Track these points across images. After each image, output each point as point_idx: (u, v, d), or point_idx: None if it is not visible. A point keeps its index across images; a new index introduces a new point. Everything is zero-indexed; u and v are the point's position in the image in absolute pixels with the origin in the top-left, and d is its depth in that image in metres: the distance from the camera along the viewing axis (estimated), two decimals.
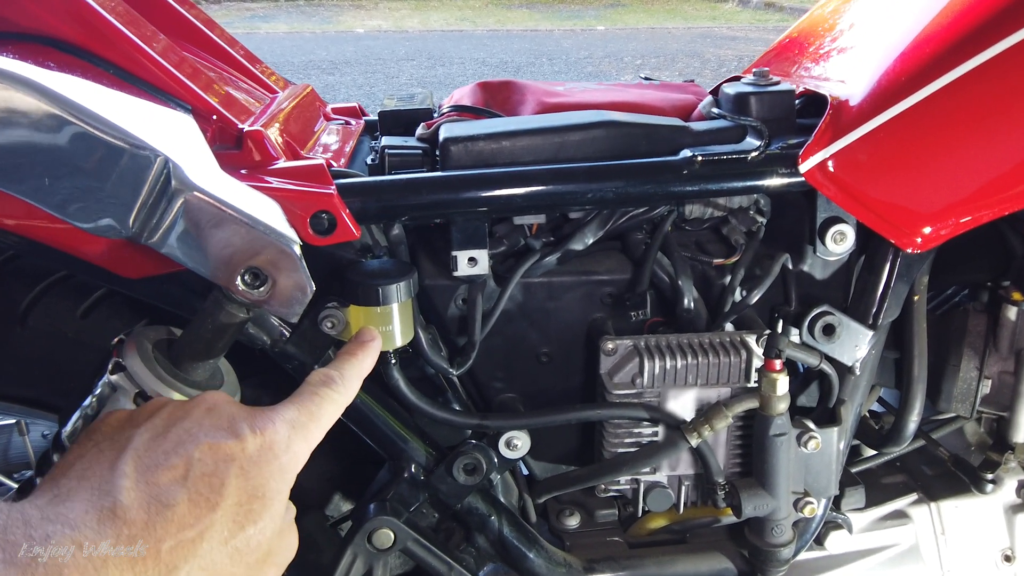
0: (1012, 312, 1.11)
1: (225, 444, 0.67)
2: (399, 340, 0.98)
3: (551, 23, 14.95)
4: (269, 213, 0.90)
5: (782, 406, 1.00)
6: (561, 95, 1.25)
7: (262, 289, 0.87)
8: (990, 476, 1.20)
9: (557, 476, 1.15)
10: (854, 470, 1.30)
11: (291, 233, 0.88)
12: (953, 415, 1.32)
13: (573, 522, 1.17)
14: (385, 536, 1.02)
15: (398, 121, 1.23)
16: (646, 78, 1.45)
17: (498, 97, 1.27)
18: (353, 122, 1.38)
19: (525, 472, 1.25)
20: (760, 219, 1.16)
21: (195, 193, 0.81)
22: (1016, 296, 1.10)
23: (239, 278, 0.85)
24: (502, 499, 1.16)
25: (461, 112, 1.20)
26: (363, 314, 0.96)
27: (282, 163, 1.00)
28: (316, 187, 0.96)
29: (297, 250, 0.87)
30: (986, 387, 1.13)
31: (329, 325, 0.98)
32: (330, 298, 0.99)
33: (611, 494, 1.13)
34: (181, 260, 0.84)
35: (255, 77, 1.32)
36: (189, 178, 0.82)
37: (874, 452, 1.33)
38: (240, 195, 0.87)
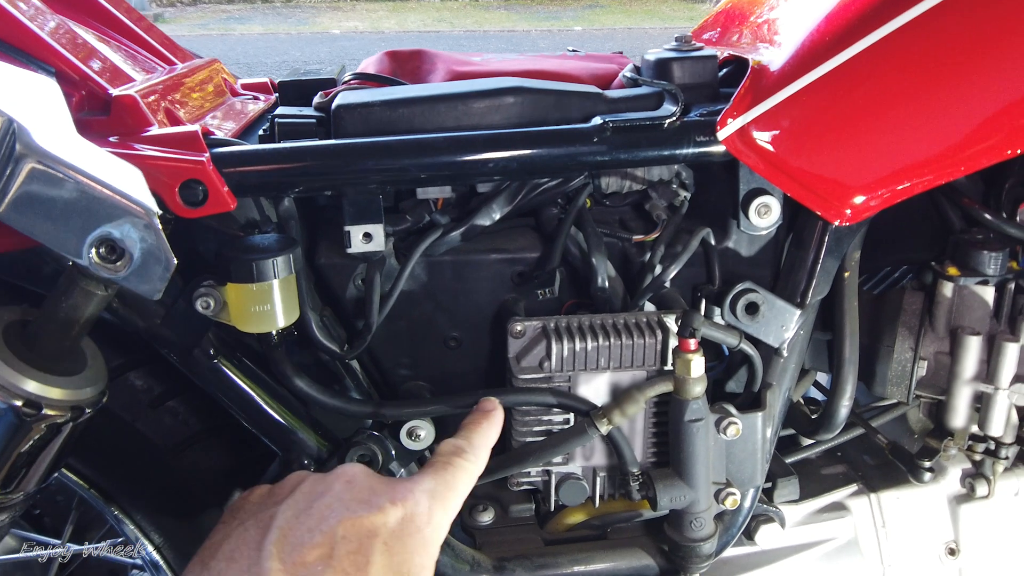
0: (948, 288, 1.04)
1: (367, 518, 0.67)
2: (281, 320, 0.90)
3: (528, 24, 14.92)
4: (128, 181, 0.83)
5: (698, 389, 0.93)
6: (474, 64, 1.18)
7: (119, 263, 0.80)
8: (928, 464, 1.13)
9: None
10: (791, 460, 1.23)
11: (150, 202, 0.81)
12: (895, 401, 1.26)
13: (486, 518, 1.10)
14: None
15: (300, 91, 1.15)
16: (572, 50, 1.37)
17: (407, 66, 1.20)
18: (263, 97, 1.30)
19: None
20: (683, 193, 1.10)
21: (41, 159, 0.74)
22: (952, 271, 1.04)
23: (93, 251, 0.79)
24: None
25: (364, 80, 1.13)
26: (239, 292, 0.89)
27: (154, 130, 0.93)
28: (186, 154, 0.88)
29: (156, 221, 0.80)
30: (922, 369, 1.06)
31: (204, 305, 0.91)
32: (206, 276, 0.91)
33: (525, 487, 1.05)
34: (29, 232, 0.78)
35: (152, 49, 1.24)
36: (36, 142, 0.76)
37: (812, 441, 1.25)
38: (97, 162, 0.80)
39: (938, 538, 1.23)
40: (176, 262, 0.82)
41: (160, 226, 0.80)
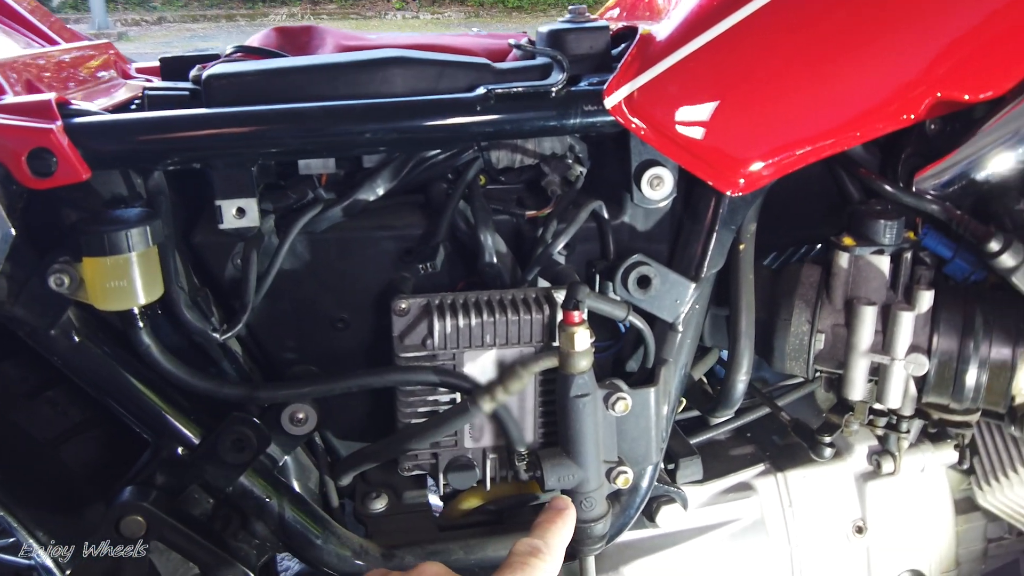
0: (844, 259, 1.00)
1: None
2: (141, 297, 0.84)
3: None
4: None
5: (583, 364, 0.87)
6: (364, 40, 1.11)
7: None
8: (828, 440, 1.09)
9: (353, 453, 1.01)
10: (697, 441, 1.18)
11: None
12: (801, 380, 1.21)
13: (379, 505, 1.04)
14: (135, 524, 0.88)
15: (182, 67, 1.08)
16: (475, 31, 1.31)
17: (296, 42, 1.14)
18: (156, 80, 1.23)
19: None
20: (578, 168, 1.04)
21: None
22: (848, 241, 1.00)
23: None
24: (296, 483, 1.02)
25: (248, 54, 1.06)
26: (94, 266, 0.82)
27: (7, 99, 0.85)
28: (36, 122, 0.80)
29: None
30: (820, 342, 1.02)
31: (58, 282, 0.84)
32: (62, 252, 0.83)
33: (417, 473, 0.99)
34: None
35: (37, 31, 1.16)
36: None
37: (720, 421, 1.20)
38: None
39: (845, 516, 1.19)
40: (14, 232, 0.75)
41: None
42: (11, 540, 1.29)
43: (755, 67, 0.93)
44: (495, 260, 0.98)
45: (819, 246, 1.24)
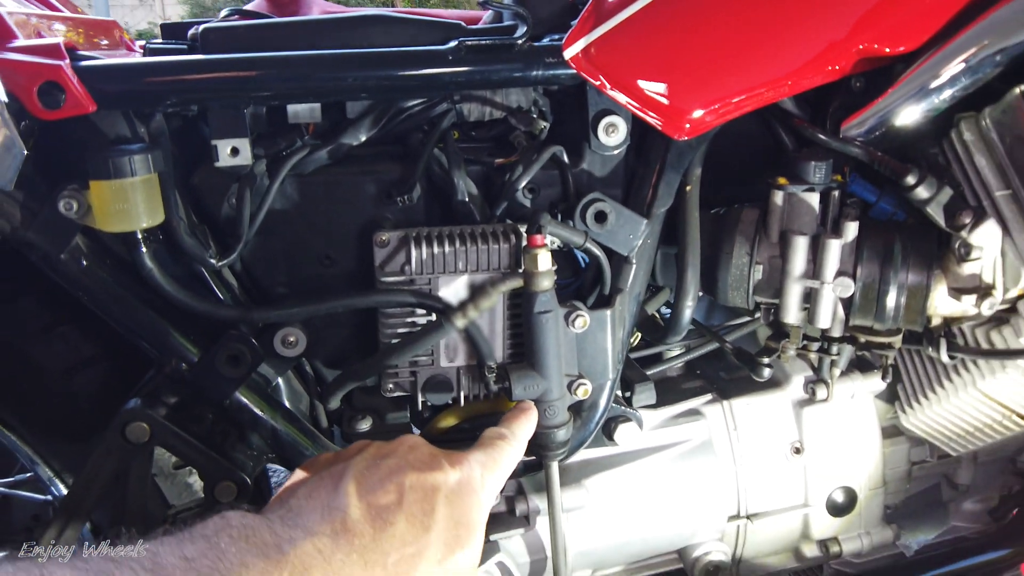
0: (779, 197, 1.03)
1: (431, 475, 0.69)
2: (143, 219, 0.85)
3: None
4: None
5: (546, 283, 0.90)
6: (348, 9, 1.13)
7: None
8: (766, 361, 1.12)
9: (341, 373, 1.02)
10: (652, 372, 1.20)
11: None
12: (746, 319, 1.24)
13: (364, 426, 1.05)
14: (140, 429, 0.89)
15: (181, 30, 1.09)
16: None
17: (284, 11, 1.15)
18: None
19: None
20: (542, 123, 1.06)
21: None
22: (782, 181, 1.03)
23: None
24: (288, 404, 1.03)
25: (242, 16, 1.07)
26: (100, 189, 0.83)
27: (19, 42, 0.86)
28: (45, 59, 0.82)
29: (4, 111, 0.73)
30: (758, 273, 1.05)
31: (68, 207, 0.85)
32: (72, 181, 0.84)
33: (397, 393, 1.00)
34: None
35: (47, 3, 1.17)
36: None
37: (673, 355, 1.23)
38: None
39: (784, 438, 1.22)
40: (27, 152, 0.76)
41: (8, 116, 0.73)
42: (28, 475, 1.29)
43: (698, 23, 0.97)
44: (467, 199, 1.01)
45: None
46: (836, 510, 1.25)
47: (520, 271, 0.94)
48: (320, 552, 0.59)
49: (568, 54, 0.95)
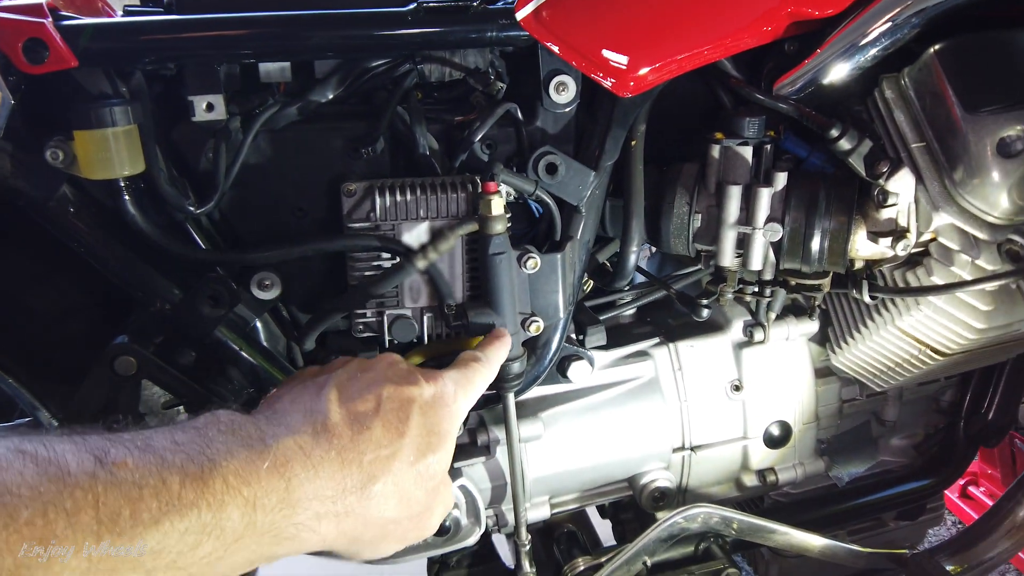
0: (716, 151, 1.06)
1: (407, 388, 0.71)
2: (125, 167, 0.87)
3: None
4: None
5: (499, 227, 0.93)
6: None
7: None
8: (705, 302, 1.15)
9: (313, 316, 1.04)
10: (604, 317, 1.23)
11: None
12: (691, 269, 1.27)
13: None
14: (127, 363, 0.91)
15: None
16: None
17: None
18: None
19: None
20: (499, 84, 1.08)
21: None
22: (719, 136, 1.06)
23: None
24: (266, 345, 1.05)
25: None
26: (83, 139, 0.85)
27: (4, 2, 0.87)
28: (29, 16, 0.83)
29: None
30: (697, 221, 1.08)
31: (54, 156, 0.86)
32: (57, 133, 0.86)
33: (367, 334, 1.03)
34: None
35: None
36: None
37: (624, 302, 1.26)
38: None
39: (725, 377, 1.26)
40: (12, 101, 0.78)
41: None
42: (28, 420, 1.30)
43: None
44: (428, 153, 1.03)
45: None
46: (772, 442, 1.29)
47: (476, 216, 0.97)
48: (301, 448, 0.61)
49: (519, 16, 0.97)
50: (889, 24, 0.95)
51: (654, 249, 1.40)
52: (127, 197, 0.90)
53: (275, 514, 0.58)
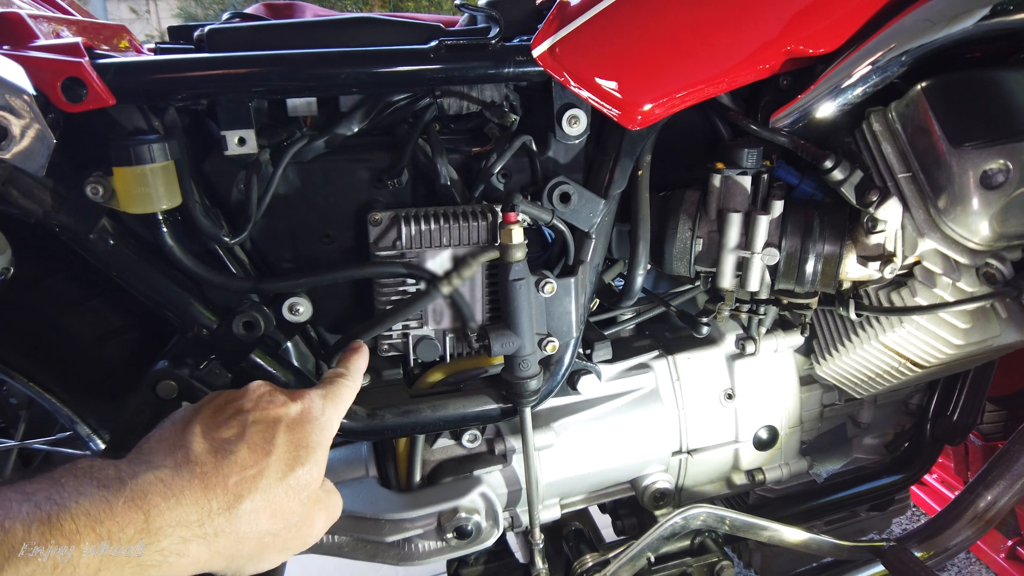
0: (717, 180, 1.02)
1: (273, 410, 0.67)
2: (163, 202, 0.80)
3: None
4: (7, 71, 0.70)
5: (519, 254, 0.87)
6: (340, 14, 1.08)
7: (2, 143, 0.68)
8: (705, 320, 1.10)
9: (341, 337, 0.99)
10: (608, 332, 1.18)
11: (26, 85, 0.69)
12: (687, 287, 1.23)
13: (365, 381, 1.01)
14: (168, 387, 0.85)
15: (186, 32, 1.03)
16: None
17: (281, 15, 1.09)
18: None
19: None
20: (513, 116, 1.02)
21: None
22: (719, 166, 1.01)
23: None
24: (296, 365, 0.99)
25: (242, 19, 1.02)
26: (122, 175, 0.78)
27: (41, 41, 0.80)
28: (66, 56, 0.76)
29: (34, 104, 0.68)
30: (699, 245, 1.03)
31: (94, 191, 0.80)
32: (97, 168, 0.79)
33: (392, 353, 0.97)
34: None
35: (58, 6, 1.10)
36: None
37: (626, 318, 1.21)
38: None
39: (719, 386, 1.22)
40: (56, 141, 0.71)
41: (38, 109, 0.68)
42: (68, 433, 1.23)
43: (648, 27, 0.93)
44: (449, 183, 0.97)
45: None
46: (761, 445, 1.25)
47: (496, 244, 0.92)
48: (161, 480, 0.57)
49: (535, 53, 0.92)
50: (878, 63, 0.91)
51: (649, 266, 1.35)
52: (165, 229, 0.84)
53: (134, 545, 0.53)
